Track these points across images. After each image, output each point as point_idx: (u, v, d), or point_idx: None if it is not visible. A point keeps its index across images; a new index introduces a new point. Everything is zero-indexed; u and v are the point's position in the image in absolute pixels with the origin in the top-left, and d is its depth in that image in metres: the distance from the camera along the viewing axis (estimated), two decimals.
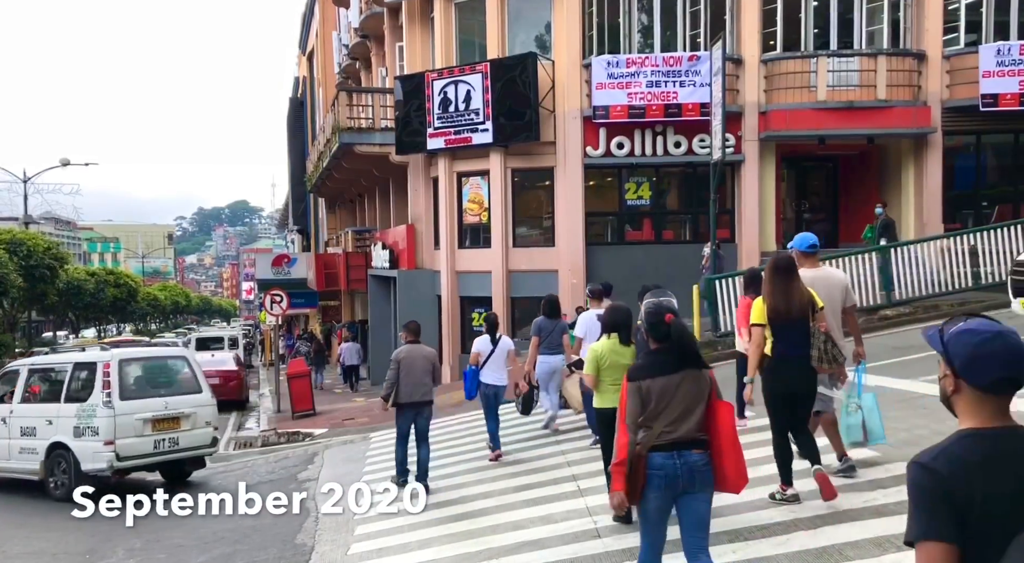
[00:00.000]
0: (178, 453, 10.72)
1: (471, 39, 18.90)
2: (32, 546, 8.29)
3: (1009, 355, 1.98)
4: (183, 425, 10.69)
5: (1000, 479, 1.92)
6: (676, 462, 3.96)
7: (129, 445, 10.14)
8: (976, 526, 1.88)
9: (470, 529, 6.60)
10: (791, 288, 5.41)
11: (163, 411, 10.53)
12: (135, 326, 65.25)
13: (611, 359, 5.98)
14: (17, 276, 28.32)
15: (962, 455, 1.99)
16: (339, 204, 35.55)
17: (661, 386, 4.03)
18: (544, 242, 17.86)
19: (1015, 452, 1.96)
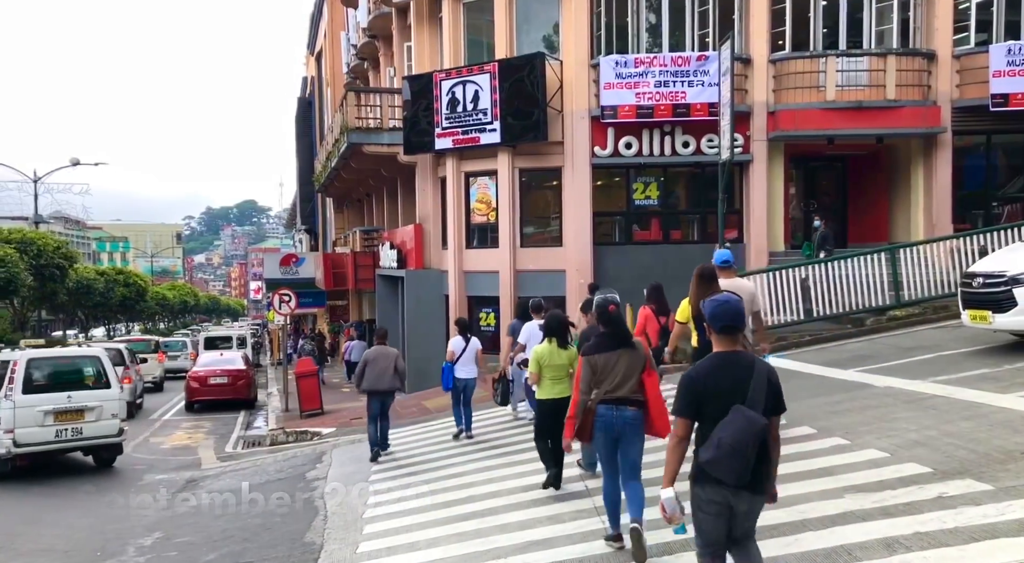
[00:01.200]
0: (83, 441, 12.13)
1: (479, 39, 18.91)
2: (42, 543, 8.34)
3: (729, 313, 3.86)
4: (87, 417, 12.06)
5: (722, 380, 3.79)
6: (614, 413, 5.48)
7: (28, 433, 11.63)
8: (707, 406, 3.78)
9: (478, 528, 6.61)
10: (712, 292, 6.40)
11: (66, 404, 11.93)
12: (144, 325, 65.54)
13: (549, 360, 7.12)
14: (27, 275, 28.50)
15: (706, 366, 3.87)
16: (347, 204, 35.60)
17: (605, 359, 5.55)
18: (552, 242, 17.85)
19: (733, 364, 3.81)
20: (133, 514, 9.56)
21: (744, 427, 3.64)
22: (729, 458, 3.64)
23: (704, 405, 3.79)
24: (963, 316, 10.07)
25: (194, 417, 19.59)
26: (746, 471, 3.67)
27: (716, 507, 3.80)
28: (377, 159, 21.47)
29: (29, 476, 12.15)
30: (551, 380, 7.10)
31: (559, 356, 7.10)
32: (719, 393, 3.76)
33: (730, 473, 3.67)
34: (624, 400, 5.44)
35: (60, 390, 12.10)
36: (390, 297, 22.98)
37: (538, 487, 7.43)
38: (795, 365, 11.28)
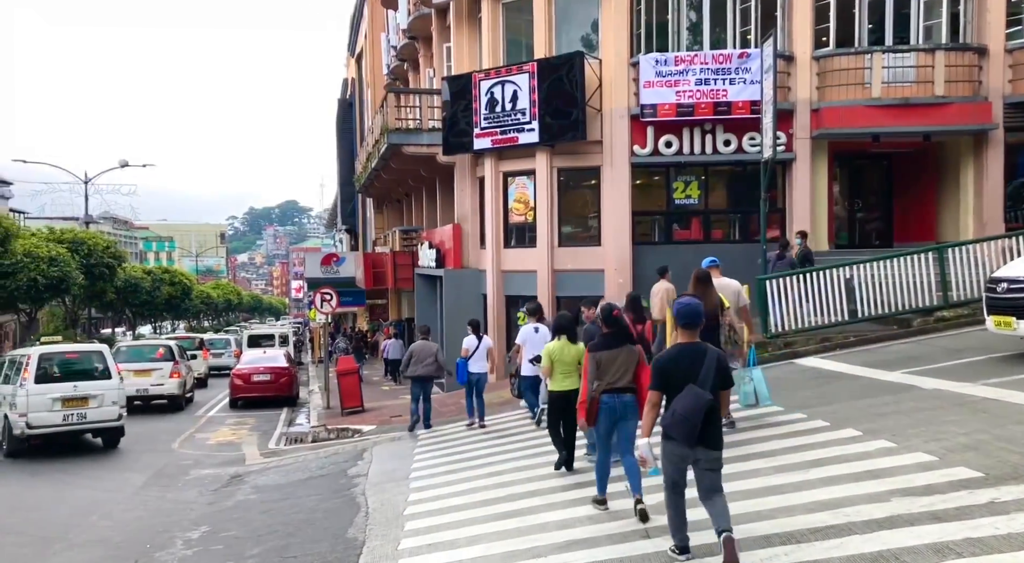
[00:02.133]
0: (87, 425, 13.93)
1: (518, 39, 18.94)
2: (95, 534, 8.57)
3: (689, 313, 5.09)
4: (91, 403, 13.85)
5: (680, 363, 5.00)
6: (616, 400, 6.48)
7: (39, 417, 13.44)
8: (672, 383, 4.97)
9: (519, 527, 6.63)
10: (706, 292, 7.93)
11: (72, 392, 13.68)
12: (189, 323, 66.90)
13: (560, 355, 7.93)
14: (78, 274, 29.28)
15: (670, 354, 5.17)
16: (386, 204, 35.93)
17: (608, 356, 6.56)
18: (590, 241, 17.81)
19: (690, 352, 5.04)
20: (180, 508, 9.77)
21: (693, 401, 4.90)
22: (680, 424, 4.92)
23: (668, 382, 5.07)
24: (987, 322, 9.84)
25: (238, 414, 19.95)
26: (693, 433, 4.91)
27: (676, 457, 5.10)
28: (416, 159, 21.64)
29: (78, 471, 12.52)
30: (562, 374, 7.92)
31: (568, 352, 7.91)
32: (678, 374, 5.04)
33: (681, 434, 4.94)
34: (623, 389, 6.49)
35: (67, 380, 13.83)
36: (429, 296, 23.15)
37: (581, 486, 7.44)
38: (839, 366, 11.09)
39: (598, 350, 6.60)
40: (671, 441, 5.02)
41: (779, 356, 12.56)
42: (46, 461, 13.20)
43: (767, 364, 12.36)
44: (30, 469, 12.44)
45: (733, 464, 7.43)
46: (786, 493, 6.33)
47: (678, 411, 4.91)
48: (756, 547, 5.32)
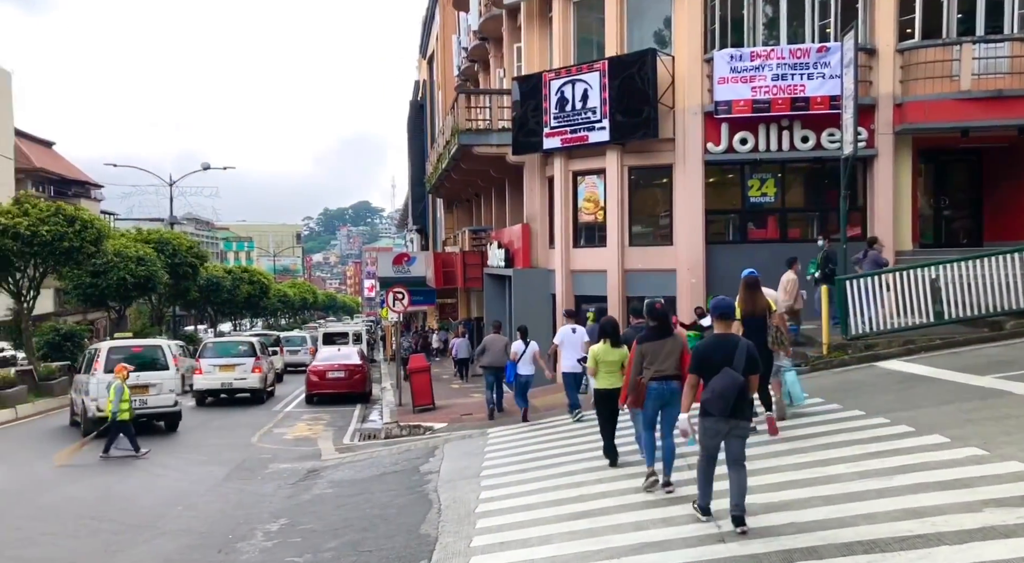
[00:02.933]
0: (147, 410, 15.56)
1: (589, 37, 18.85)
2: (181, 524, 8.92)
3: (723, 306, 6.27)
4: (151, 391, 15.64)
5: (717, 351, 6.01)
6: (662, 386, 7.36)
7: (107, 402, 14.00)
8: (708, 368, 5.95)
9: (591, 528, 6.60)
10: (755, 297, 8.73)
11: (134, 381, 14.71)
12: (266, 321, 68.96)
13: (604, 356, 8.60)
14: (164, 273, 30.55)
15: (708, 343, 6.24)
16: (456, 204, 36.25)
17: (654, 347, 7.41)
18: (661, 241, 17.58)
19: (725, 342, 6.08)
20: (260, 500, 10.08)
21: (729, 381, 5.88)
22: (718, 399, 5.87)
23: (705, 367, 6.02)
24: None
25: (313, 409, 20.45)
26: (728, 407, 5.86)
27: (713, 431, 5.99)
28: (486, 160, 21.77)
29: (165, 462, 13.05)
30: (606, 373, 8.61)
31: (612, 354, 8.59)
32: (714, 359, 6.00)
33: (718, 409, 5.88)
34: (669, 376, 7.31)
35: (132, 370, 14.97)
36: (498, 296, 23.26)
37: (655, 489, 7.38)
38: (924, 370, 10.65)
39: (644, 342, 7.49)
40: (710, 417, 5.95)
41: (860, 359, 12.15)
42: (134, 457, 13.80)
43: (847, 367, 12.02)
44: (120, 461, 13.02)
45: (812, 469, 7.24)
46: (868, 500, 6.13)
47: (716, 389, 5.88)
48: (837, 555, 5.17)
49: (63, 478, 11.69)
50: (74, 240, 21.74)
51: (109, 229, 27.93)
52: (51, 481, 11.47)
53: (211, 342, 24.93)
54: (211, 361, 21.57)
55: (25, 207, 21.53)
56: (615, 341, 8.62)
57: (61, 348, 24.47)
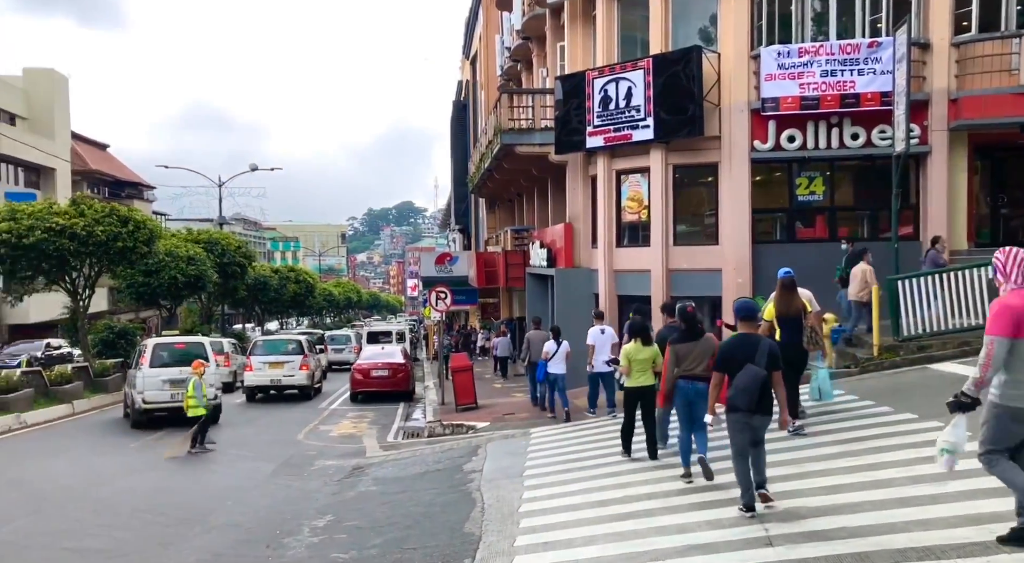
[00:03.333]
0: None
1: (633, 35, 18.70)
2: (232, 518, 9.09)
3: (745, 309, 6.72)
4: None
5: (741, 349, 6.41)
6: (689, 386, 7.71)
7: (152, 394, 16.46)
8: (733, 365, 6.37)
9: (635, 529, 6.55)
10: (791, 298, 8.93)
11: (177, 375, 16.11)
12: (312, 319, 69.97)
13: (635, 356, 8.99)
14: (213, 272, 31.20)
15: (732, 342, 6.61)
16: (498, 204, 36.32)
17: (686, 348, 7.80)
18: (706, 240, 17.36)
19: (748, 341, 6.46)
20: (306, 497, 10.22)
21: (751, 377, 6.25)
22: (742, 394, 6.27)
23: (730, 364, 6.43)
24: None
25: (358, 407, 20.68)
26: (752, 402, 6.24)
27: (739, 424, 6.34)
28: (529, 159, 21.75)
29: (213, 457, 13.32)
30: (637, 372, 8.99)
31: (643, 352, 9.01)
32: (738, 357, 6.39)
33: (743, 403, 6.26)
34: (697, 376, 7.61)
35: (175, 366, 16.51)
36: (540, 295, 23.23)
37: (699, 490, 7.31)
38: None
39: (676, 343, 7.91)
40: (736, 411, 6.31)
41: (912, 360, 11.85)
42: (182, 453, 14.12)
43: (898, 369, 11.73)
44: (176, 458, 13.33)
45: (863, 472, 7.09)
46: (923, 505, 5.99)
47: (739, 385, 6.29)
48: (889, 561, 5.04)
49: (119, 471, 12.01)
50: (128, 240, 22.30)
51: (161, 229, 28.58)
52: (108, 475, 11.79)
53: (260, 340, 25.62)
54: (261, 358, 22.19)
55: (81, 208, 22.16)
56: (645, 340, 9.05)
57: (115, 345, 25.17)
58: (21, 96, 43.14)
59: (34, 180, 43.16)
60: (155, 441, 14.94)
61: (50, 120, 44.03)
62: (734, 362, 6.36)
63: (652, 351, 8.99)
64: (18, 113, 42.77)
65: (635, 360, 8.97)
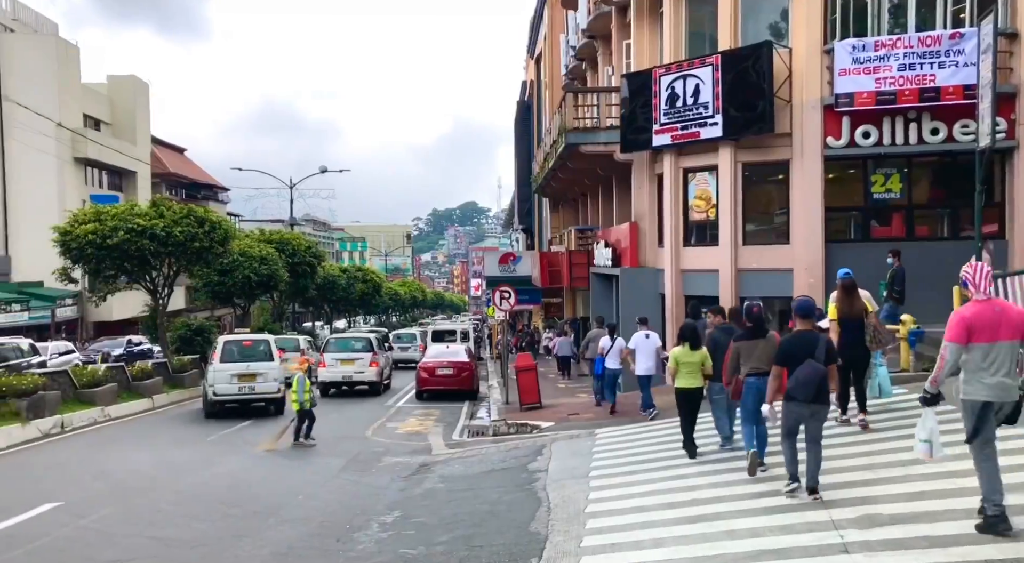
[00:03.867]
0: (255, 395, 18.03)
1: (701, 32, 18.43)
2: (302, 513, 9.31)
3: (803, 307, 7.28)
4: (258, 379, 17.91)
5: (799, 345, 7.00)
6: (759, 381, 7.93)
7: (222, 387, 17.75)
8: (793, 360, 6.90)
9: (705, 532, 6.45)
10: (852, 299, 9.18)
11: (245, 370, 17.79)
12: (378, 318, 71.14)
13: (684, 358, 9.33)
14: (284, 272, 32.03)
15: (792, 339, 7.21)
16: (562, 203, 36.26)
17: (749, 346, 8.17)
18: (777, 239, 16.97)
19: (806, 337, 7.05)
20: (374, 492, 10.39)
21: (811, 371, 6.79)
22: (802, 387, 6.79)
23: (790, 359, 6.94)
24: None
25: (423, 405, 20.93)
26: (811, 394, 6.78)
27: (796, 413, 6.91)
28: (593, 158, 21.66)
29: (286, 452, 13.67)
30: (686, 374, 9.32)
31: (691, 355, 9.32)
32: (798, 353, 6.92)
33: (802, 395, 6.80)
34: (764, 372, 7.80)
35: (243, 361, 17.96)
36: (604, 295, 23.10)
37: (770, 495, 7.16)
38: None
39: (740, 340, 8.31)
40: (794, 401, 6.86)
41: None
42: (258, 445, 14.55)
43: None
44: (249, 453, 13.76)
45: (945, 480, 6.83)
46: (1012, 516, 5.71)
47: (800, 378, 6.79)
48: None
49: (196, 464, 12.44)
50: (204, 241, 23.09)
51: (235, 230, 29.49)
52: (186, 467, 12.22)
53: (333, 338, 26.52)
54: (333, 355, 23.10)
55: (161, 210, 23.04)
56: (694, 344, 9.34)
57: (192, 342, 26.09)
58: (106, 103, 45.13)
59: (117, 183, 45.10)
60: (231, 435, 15.43)
61: (132, 125, 45.95)
62: (794, 357, 6.88)
63: (701, 354, 9.32)
64: (103, 119, 44.75)
65: (683, 363, 9.31)
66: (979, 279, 5.58)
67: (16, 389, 15.29)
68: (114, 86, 46.05)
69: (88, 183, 42.26)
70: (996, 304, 5.58)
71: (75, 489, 10.45)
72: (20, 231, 37.70)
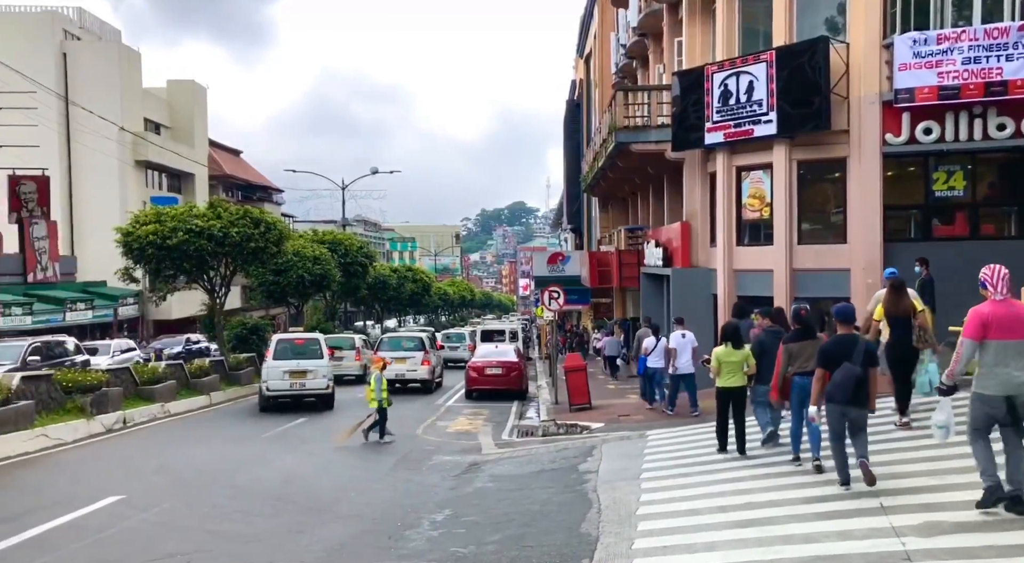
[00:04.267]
0: (305, 391, 18.81)
1: (754, 28, 18.12)
2: (355, 510, 9.43)
3: (843, 312, 7.57)
4: (308, 376, 18.69)
5: (840, 348, 7.27)
6: (805, 381, 8.05)
7: (275, 383, 18.65)
8: (832, 362, 7.21)
9: (759, 537, 6.34)
10: (900, 299, 9.32)
11: (296, 367, 18.62)
12: (427, 317, 71.73)
13: (726, 358, 9.62)
14: (337, 272, 32.53)
15: (832, 342, 7.48)
16: (612, 202, 36.03)
17: (799, 347, 8.43)
18: (833, 238, 16.58)
19: (846, 341, 7.31)
20: (425, 491, 10.47)
21: (847, 373, 7.06)
22: (838, 388, 7.09)
23: (829, 362, 7.22)
24: None
25: (473, 404, 21.02)
26: (846, 395, 7.05)
27: (836, 414, 7.19)
28: (644, 157, 21.47)
29: (339, 451, 13.87)
30: (728, 373, 9.59)
31: (734, 355, 9.61)
32: (837, 356, 7.19)
33: (839, 396, 7.10)
34: (810, 372, 7.81)
35: (294, 359, 18.78)
36: (655, 296, 22.87)
37: (827, 499, 7.01)
38: None
39: (790, 342, 8.59)
40: (832, 403, 7.18)
41: None
42: (312, 441, 14.80)
43: None
44: (303, 449, 14.00)
45: None
46: None
47: (836, 381, 7.12)
48: None
49: (252, 460, 12.71)
50: (260, 241, 23.58)
51: (289, 231, 30.06)
52: (242, 462, 12.49)
53: (386, 337, 27.27)
54: (386, 354, 23.17)
55: (218, 211, 23.59)
56: (736, 343, 9.63)
57: (247, 341, 26.67)
58: (165, 106, 46.46)
59: (176, 185, 46.38)
60: (285, 432, 15.72)
61: (190, 129, 47.22)
62: (833, 360, 7.19)
63: (743, 353, 9.63)
64: (162, 122, 46.09)
65: (726, 362, 9.60)
66: (996, 280, 6.08)
67: (81, 385, 15.83)
68: (173, 90, 47.37)
69: (148, 185, 43.53)
70: (1012, 304, 6.05)
71: (137, 483, 10.77)
72: (85, 232, 39.07)
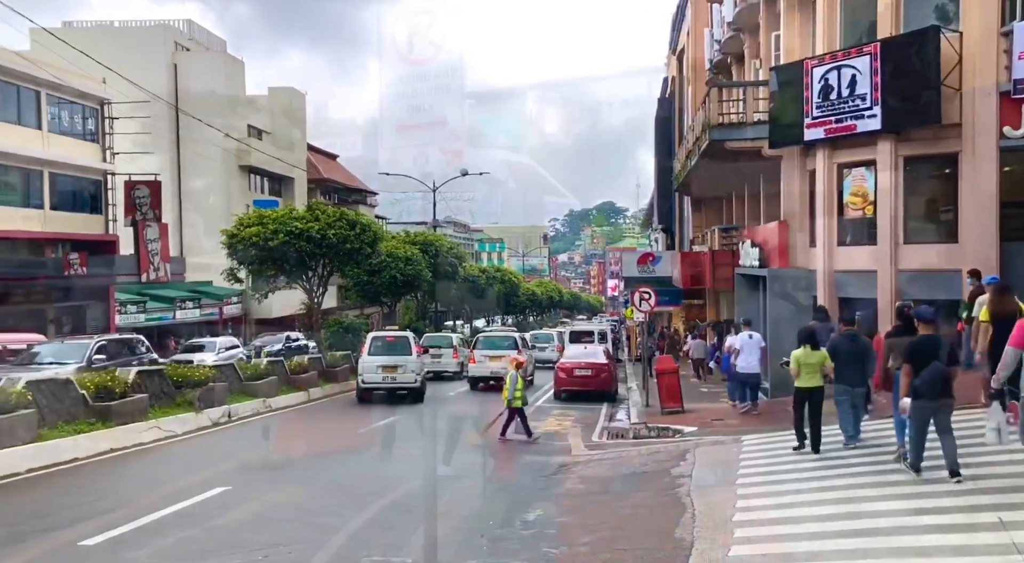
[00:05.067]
0: (396, 385, 20.33)
1: (857, 20, 17.37)
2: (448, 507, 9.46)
3: (926, 315, 8.32)
4: (399, 371, 20.19)
5: (926, 348, 7.93)
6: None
7: (369, 376, 20.34)
8: (920, 360, 7.84)
9: (865, 548, 6.07)
10: (1004, 300, 9.51)
11: (388, 362, 20.14)
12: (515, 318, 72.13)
13: (804, 360, 9.96)
14: (427, 272, 33.14)
15: (917, 341, 8.14)
16: (705, 202, 35.28)
17: (899, 343, 8.61)
18: (943, 238, 15.72)
19: (930, 340, 8.03)
20: (516, 491, 10.53)
21: (935, 371, 7.56)
22: (927, 386, 7.56)
23: (917, 360, 7.73)
24: None
25: (561, 405, 20.97)
26: (934, 391, 7.55)
27: (923, 409, 7.66)
28: (738, 155, 20.91)
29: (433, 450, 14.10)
30: (807, 375, 9.96)
31: (812, 357, 9.96)
32: (924, 354, 7.71)
33: (927, 393, 7.57)
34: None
35: (387, 354, 20.30)
36: (750, 297, 22.22)
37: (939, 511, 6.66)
38: None
39: (892, 337, 9.18)
40: (920, 398, 7.65)
41: None
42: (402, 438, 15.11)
43: None
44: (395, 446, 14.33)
45: None
46: None
47: (925, 377, 7.62)
48: None
49: (347, 455, 13.07)
50: (355, 242, 24.29)
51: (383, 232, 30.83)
52: (340, 457, 12.87)
53: (481, 336, 27.73)
54: (482, 352, 24.61)
55: (316, 213, 24.42)
56: (814, 346, 10.00)
57: (343, 339, 27.48)
58: (266, 113, 48.40)
59: (276, 188, 48.24)
60: (380, 429, 16.12)
61: (290, 134, 49.02)
62: (921, 357, 7.76)
63: (821, 355, 9.97)
64: (264, 128, 48.02)
65: (804, 364, 9.96)
66: None
67: (190, 380, 16.66)
68: (274, 97, 49.27)
69: (251, 189, 45.46)
70: None
71: (241, 475, 11.26)
72: (193, 234, 41.19)
